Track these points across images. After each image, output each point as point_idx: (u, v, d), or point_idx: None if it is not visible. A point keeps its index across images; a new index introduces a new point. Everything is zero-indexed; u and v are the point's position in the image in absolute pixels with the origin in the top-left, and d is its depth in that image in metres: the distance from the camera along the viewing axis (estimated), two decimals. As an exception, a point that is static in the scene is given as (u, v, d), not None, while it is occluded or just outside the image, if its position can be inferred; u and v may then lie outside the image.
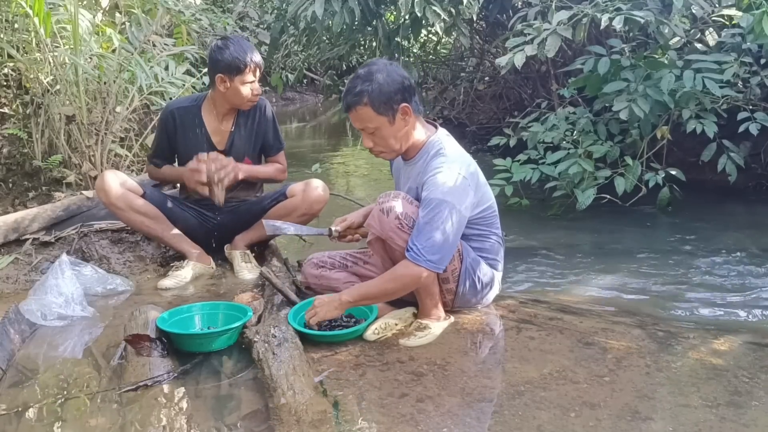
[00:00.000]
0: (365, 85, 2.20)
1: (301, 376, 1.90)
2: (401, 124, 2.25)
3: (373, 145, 2.29)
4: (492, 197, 2.44)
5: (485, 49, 7.07)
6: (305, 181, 3.09)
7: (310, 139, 9.75)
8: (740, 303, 2.79)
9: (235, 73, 2.84)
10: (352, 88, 2.23)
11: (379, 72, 2.22)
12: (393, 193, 2.26)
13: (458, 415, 1.78)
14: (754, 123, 3.88)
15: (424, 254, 2.13)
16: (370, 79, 2.20)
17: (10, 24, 3.89)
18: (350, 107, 2.24)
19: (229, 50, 2.83)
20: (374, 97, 2.19)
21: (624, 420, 1.71)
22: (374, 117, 2.22)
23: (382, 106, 2.20)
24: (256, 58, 2.89)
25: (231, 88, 2.88)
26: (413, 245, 2.14)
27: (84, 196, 3.37)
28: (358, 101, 2.21)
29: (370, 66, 2.26)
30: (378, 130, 2.24)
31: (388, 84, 2.21)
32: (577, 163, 4.07)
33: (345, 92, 2.27)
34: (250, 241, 3.14)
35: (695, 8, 4.10)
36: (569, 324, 2.35)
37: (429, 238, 2.13)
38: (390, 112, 2.22)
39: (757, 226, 4.11)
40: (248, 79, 2.87)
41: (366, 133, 2.28)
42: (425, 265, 2.14)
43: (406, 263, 2.16)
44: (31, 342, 2.34)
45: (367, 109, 2.21)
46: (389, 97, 2.20)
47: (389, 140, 2.27)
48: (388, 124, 2.23)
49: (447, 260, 2.21)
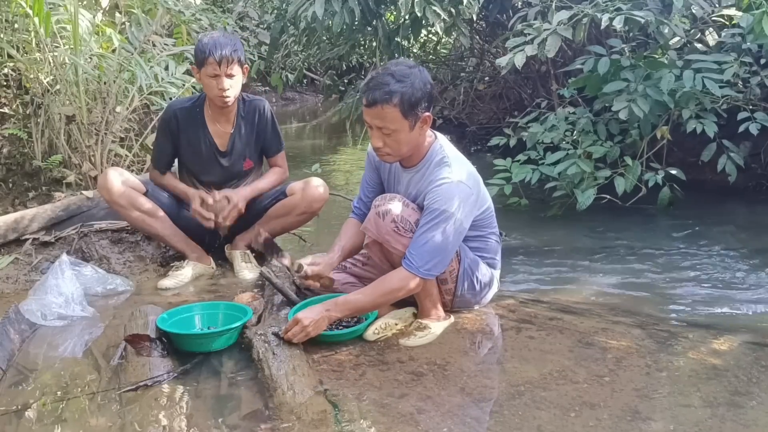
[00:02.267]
0: (399, 85, 2.08)
1: (301, 376, 1.90)
2: (417, 132, 2.18)
3: (382, 146, 2.18)
4: (489, 198, 2.43)
5: (485, 49, 7.07)
6: (305, 179, 3.08)
7: (310, 139, 9.74)
8: (740, 303, 2.79)
9: (200, 64, 2.81)
10: (383, 84, 2.09)
11: (414, 74, 2.11)
12: (389, 196, 2.25)
13: (458, 415, 1.78)
14: (754, 123, 3.88)
15: (419, 263, 2.13)
16: (405, 80, 2.09)
17: (10, 24, 3.89)
18: (376, 103, 2.10)
19: (203, 41, 2.80)
20: (405, 100, 2.09)
21: (624, 420, 1.71)
22: (398, 119, 2.11)
23: (410, 110, 2.11)
24: (225, 53, 2.74)
25: (202, 82, 2.86)
26: (410, 254, 2.14)
27: (84, 196, 3.36)
28: (388, 99, 2.08)
29: (401, 65, 2.16)
30: (395, 133, 2.14)
31: (421, 89, 2.11)
32: (577, 163, 4.07)
33: (372, 86, 2.12)
34: (251, 241, 3.14)
35: (695, 8, 4.10)
36: (569, 324, 2.35)
37: (427, 249, 2.12)
38: (414, 119, 2.13)
39: (757, 226, 4.11)
40: (211, 72, 2.77)
41: (380, 133, 2.15)
42: (419, 273, 2.14)
43: (399, 274, 2.15)
44: (31, 342, 2.34)
45: (394, 110, 2.09)
46: (418, 102, 2.11)
47: (401, 145, 2.18)
48: (408, 129, 2.14)
49: (442, 267, 2.20)
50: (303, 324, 2.10)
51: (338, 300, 2.20)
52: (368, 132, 2.23)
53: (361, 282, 2.50)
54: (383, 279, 2.20)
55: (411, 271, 2.13)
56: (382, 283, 2.19)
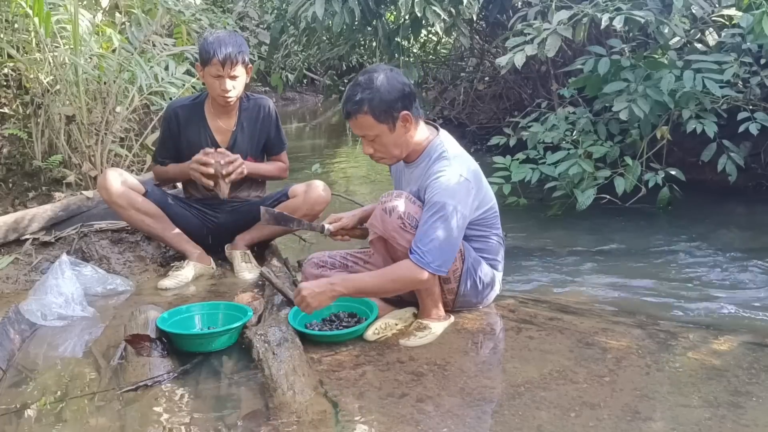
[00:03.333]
0: (365, 93, 2.18)
1: (301, 376, 1.90)
2: (401, 131, 2.24)
3: (373, 152, 2.28)
4: (493, 198, 2.44)
5: (485, 49, 7.07)
6: (307, 182, 3.09)
7: (310, 139, 9.75)
8: (740, 303, 2.79)
9: (204, 63, 2.83)
10: (352, 95, 2.20)
11: (380, 79, 2.19)
12: (395, 193, 2.26)
13: (458, 415, 1.78)
14: (754, 123, 3.88)
15: (428, 257, 2.12)
16: (371, 87, 2.18)
17: (10, 24, 3.89)
18: (350, 115, 2.22)
19: (208, 40, 2.82)
20: (374, 106, 2.17)
21: (624, 420, 1.71)
22: (374, 125, 2.20)
23: (382, 114, 2.19)
24: (230, 54, 2.77)
25: (205, 80, 2.88)
26: (417, 248, 2.14)
27: (84, 196, 3.37)
28: (358, 110, 2.19)
29: (370, 73, 2.23)
30: (378, 138, 2.23)
31: (389, 92, 2.18)
32: (577, 163, 4.07)
33: (345, 99, 2.24)
34: (251, 241, 3.14)
35: (695, 8, 4.10)
36: (569, 324, 2.35)
37: (433, 241, 2.12)
38: (390, 120, 2.20)
39: (756, 226, 4.11)
40: (215, 73, 2.81)
41: (366, 140, 2.27)
42: (428, 269, 2.13)
43: (408, 264, 2.15)
44: (31, 342, 2.34)
45: (367, 118, 2.19)
46: (390, 105, 2.18)
47: (389, 147, 2.26)
48: (389, 131, 2.22)
49: (450, 263, 2.21)
50: (302, 294, 2.13)
51: (346, 276, 2.27)
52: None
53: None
54: (393, 267, 2.21)
55: (420, 266, 2.13)
56: (391, 270, 2.20)
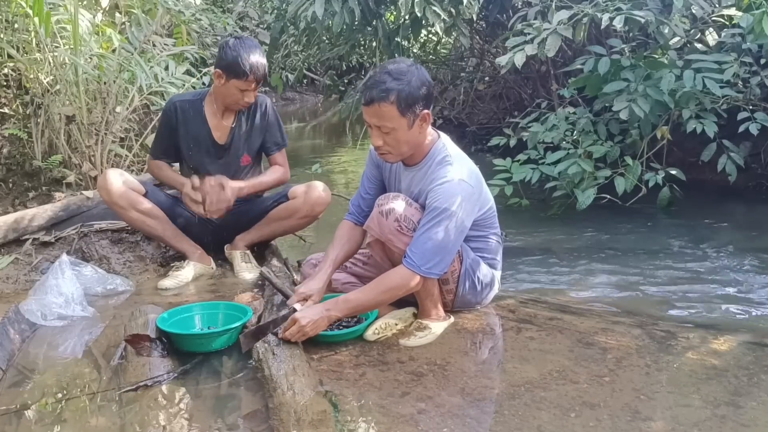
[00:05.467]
0: (396, 83, 2.09)
1: (301, 376, 1.90)
2: (417, 130, 2.18)
3: (382, 144, 2.19)
4: (491, 198, 2.43)
5: (485, 49, 7.07)
6: (307, 183, 3.08)
7: (310, 140, 9.75)
8: (740, 303, 2.79)
9: (233, 76, 2.82)
10: (379, 82, 2.10)
11: (412, 71, 2.12)
12: (392, 195, 2.25)
13: (458, 415, 1.77)
14: (754, 123, 3.88)
15: (419, 260, 2.12)
16: (401, 78, 2.10)
17: (10, 24, 3.89)
18: (373, 101, 2.11)
19: (238, 52, 2.79)
20: (402, 98, 2.09)
21: (624, 420, 1.71)
22: (396, 117, 2.11)
23: (407, 108, 2.12)
24: (260, 71, 2.83)
25: (225, 87, 2.87)
26: (411, 252, 2.13)
27: (84, 196, 3.36)
28: (384, 97, 2.09)
29: (399, 63, 2.17)
30: (394, 131, 2.15)
31: (418, 87, 2.12)
32: (577, 163, 4.07)
33: (370, 84, 2.14)
34: (251, 242, 3.14)
35: (695, 8, 4.10)
36: (569, 324, 2.35)
37: (426, 245, 2.11)
38: (412, 116, 2.14)
39: (757, 226, 4.11)
40: (244, 87, 2.84)
41: (379, 131, 2.16)
42: (419, 272, 2.13)
43: (400, 271, 2.14)
44: (31, 342, 2.34)
45: (391, 108, 2.10)
46: (416, 100, 2.12)
47: (401, 143, 2.19)
48: (407, 127, 2.15)
49: (444, 267, 2.19)
50: (300, 324, 2.09)
51: (339, 299, 2.20)
52: (368, 131, 2.23)
53: (361, 281, 2.49)
54: (383, 277, 2.20)
55: (411, 270, 2.13)
56: (382, 281, 2.19)
